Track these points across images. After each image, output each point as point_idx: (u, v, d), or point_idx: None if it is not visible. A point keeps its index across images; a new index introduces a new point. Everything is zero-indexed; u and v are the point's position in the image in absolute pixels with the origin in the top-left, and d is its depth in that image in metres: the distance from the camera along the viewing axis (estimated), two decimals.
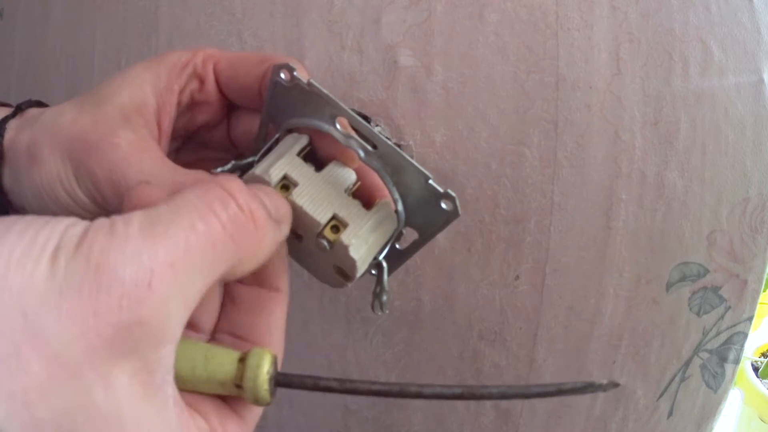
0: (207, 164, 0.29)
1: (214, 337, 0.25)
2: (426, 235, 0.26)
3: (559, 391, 0.22)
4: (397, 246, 0.27)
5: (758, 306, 0.39)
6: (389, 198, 0.26)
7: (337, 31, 0.37)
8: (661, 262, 0.37)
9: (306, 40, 0.38)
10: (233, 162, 0.26)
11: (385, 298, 0.26)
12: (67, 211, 0.26)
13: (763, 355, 0.80)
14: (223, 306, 0.25)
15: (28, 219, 0.18)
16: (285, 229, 0.23)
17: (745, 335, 0.40)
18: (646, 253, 0.37)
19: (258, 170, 0.25)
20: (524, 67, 0.35)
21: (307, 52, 0.38)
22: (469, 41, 0.36)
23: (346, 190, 0.26)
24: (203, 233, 0.19)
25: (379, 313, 0.27)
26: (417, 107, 0.36)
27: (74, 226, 0.18)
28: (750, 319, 0.39)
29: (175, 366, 0.21)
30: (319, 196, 0.25)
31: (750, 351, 0.79)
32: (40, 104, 0.29)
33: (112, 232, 0.18)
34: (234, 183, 0.21)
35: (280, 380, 0.22)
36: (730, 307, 0.38)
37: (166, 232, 0.18)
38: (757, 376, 0.77)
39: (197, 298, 0.19)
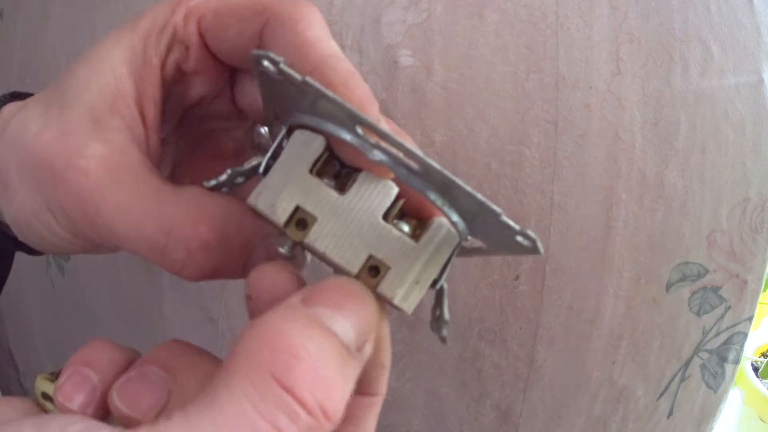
0: (213, 138, 0.26)
1: None
2: (496, 251, 0.21)
3: None
4: (463, 244, 0.21)
5: (758, 306, 0.39)
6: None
7: (337, 31, 0.37)
8: (661, 262, 0.37)
9: None
10: (229, 170, 0.21)
11: (445, 332, 0.21)
12: (52, 245, 0.22)
13: (763, 355, 0.80)
14: None
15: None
16: (370, 347, 0.18)
17: (745, 335, 0.40)
18: (646, 253, 0.37)
19: (261, 204, 0.19)
20: (524, 67, 0.35)
21: None
22: (469, 41, 0.36)
23: (385, 215, 0.19)
24: None
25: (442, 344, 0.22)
26: (417, 107, 0.36)
27: None
28: (750, 319, 0.39)
29: None
30: (347, 232, 0.19)
31: (750, 351, 0.79)
32: (19, 96, 0.24)
33: None
34: (297, 371, 0.15)
35: None
36: (730, 307, 0.38)
37: None
38: (757, 376, 0.77)
39: None
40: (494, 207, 0.18)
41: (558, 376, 0.39)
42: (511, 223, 0.18)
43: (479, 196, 0.18)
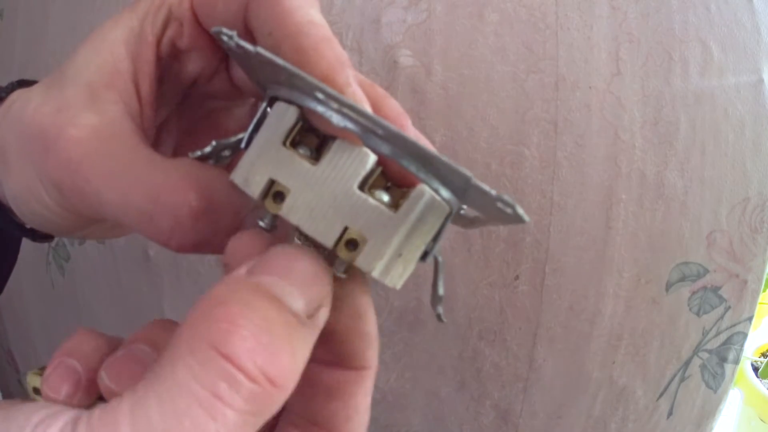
0: (215, 117, 0.26)
1: (288, 420, 0.20)
2: (491, 221, 0.20)
3: None
4: (462, 212, 0.20)
5: (758, 306, 0.39)
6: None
7: (337, 31, 0.37)
8: (660, 262, 0.37)
9: None
10: (214, 143, 0.21)
11: (440, 309, 0.20)
12: (47, 221, 0.23)
13: (763, 355, 0.80)
14: (298, 387, 0.20)
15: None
16: (323, 316, 0.17)
17: (745, 335, 0.40)
18: (646, 253, 0.37)
19: (237, 177, 0.19)
20: (524, 67, 0.35)
21: None
22: (469, 41, 0.36)
23: (361, 184, 0.18)
24: None
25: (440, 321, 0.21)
26: (417, 107, 0.36)
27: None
28: (750, 319, 0.39)
29: None
30: (321, 204, 0.18)
31: (750, 351, 0.79)
32: (25, 83, 0.25)
33: None
34: (236, 339, 0.15)
35: None
36: (729, 307, 0.38)
37: None
38: (757, 376, 0.77)
39: None
40: (464, 171, 0.17)
41: (558, 376, 0.39)
42: (486, 187, 0.17)
43: (445, 158, 0.17)
